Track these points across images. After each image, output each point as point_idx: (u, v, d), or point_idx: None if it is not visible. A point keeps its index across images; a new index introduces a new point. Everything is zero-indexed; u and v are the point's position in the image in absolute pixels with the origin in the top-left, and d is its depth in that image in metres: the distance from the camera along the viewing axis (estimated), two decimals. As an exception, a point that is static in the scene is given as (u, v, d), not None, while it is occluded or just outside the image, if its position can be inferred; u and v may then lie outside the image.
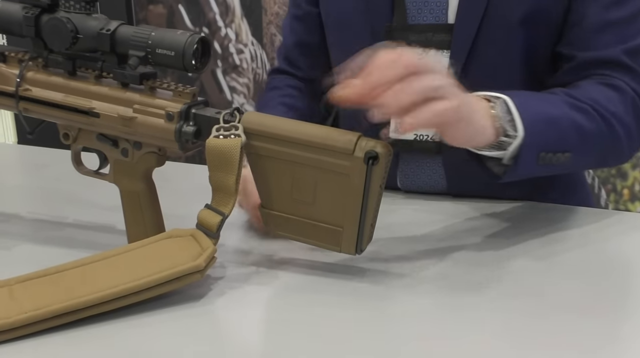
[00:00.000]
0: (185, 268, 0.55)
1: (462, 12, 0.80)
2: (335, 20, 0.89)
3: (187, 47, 0.59)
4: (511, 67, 0.81)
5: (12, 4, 0.63)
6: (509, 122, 0.66)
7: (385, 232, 0.68)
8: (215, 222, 0.58)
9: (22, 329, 0.51)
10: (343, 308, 0.55)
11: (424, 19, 0.82)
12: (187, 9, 2.09)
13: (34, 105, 0.64)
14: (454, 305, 0.56)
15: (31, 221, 0.73)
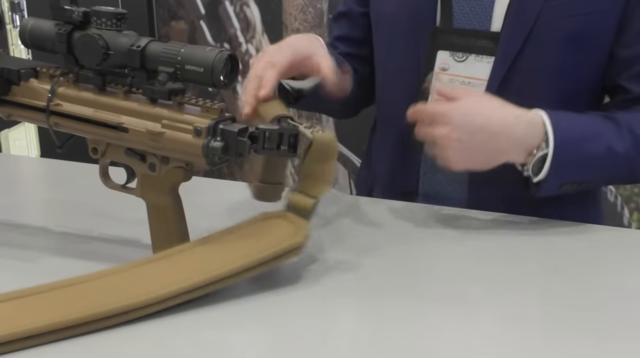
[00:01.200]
0: (287, 245, 0.60)
1: (510, 22, 0.82)
2: (386, 22, 0.92)
3: (216, 64, 0.60)
4: (551, 82, 0.83)
5: (45, 22, 0.65)
6: (539, 162, 0.75)
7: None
8: (309, 204, 0.63)
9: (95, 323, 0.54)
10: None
11: (468, 23, 0.84)
12: (209, 25, 2.12)
13: (64, 120, 0.65)
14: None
15: (58, 234, 0.74)
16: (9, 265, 0.66)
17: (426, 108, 0.77)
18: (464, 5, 0.83)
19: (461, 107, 0.74)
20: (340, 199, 0.90)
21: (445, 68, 0.86)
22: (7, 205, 0.84)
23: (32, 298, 0.55)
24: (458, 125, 0.73)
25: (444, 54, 0.86)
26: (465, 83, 0.85)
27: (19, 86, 0.66)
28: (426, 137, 0.76)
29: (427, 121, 0.75)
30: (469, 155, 0.74)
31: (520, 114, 0.76)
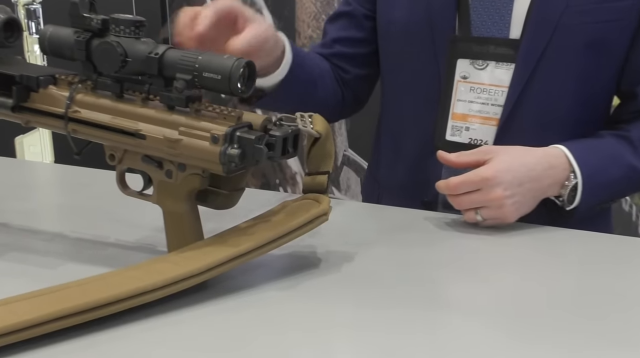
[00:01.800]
0: (314, 212, 0.65)
1: (530, 28, 0.83)
2: (398, 28, 0.92)
3: (234, 71, 0.60)
4: (571, 87, 0.84)
5: (64, 29, 0.65)
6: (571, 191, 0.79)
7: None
8: (323, 180, 0.68)
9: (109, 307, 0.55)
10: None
11: (487, 31, 0.85)
12: (222, 32, 2.12)
13: (82, 127, 0.65)
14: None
15: (74, 240, 0.74)
16: (25, 271, 0.66)
17: (468, 178, 0.78)
18: (482, 13, 0.84)
19: (502, 165, 0.77)
20: (359, 208, 0.90)
21: (465, 76, 0.86)
22: (24, 211, 0.85)
23: (27, 302, 0.55)
24: (508, 182, 0.77)
25: (464, 62, 0.86)
26: (487, 91, 0.86)
27: (38, 93, 0.66)
28: (474, 203, 0.78)
29: (471, 189, 0.77)
30: (522, 205, 0.79)
31: (545, 153, 0.81)
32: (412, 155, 0.94)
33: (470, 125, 0.88)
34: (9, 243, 0.72)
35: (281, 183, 2.22)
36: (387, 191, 1.00)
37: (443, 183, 0.79)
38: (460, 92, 0.88)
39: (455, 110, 0.88)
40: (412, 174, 0.94)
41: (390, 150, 0.99)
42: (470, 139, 0.88)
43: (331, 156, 0.70)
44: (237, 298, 0.62)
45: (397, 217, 0.85)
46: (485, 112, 0.87)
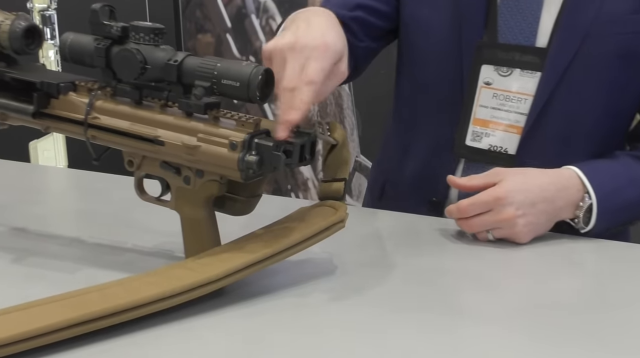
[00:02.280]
0: (331, 219, 0.65)
1: (558, 37, 0.82)
2: (422, 25, 0.91)
3: (252, 78, 0.61)
4: (598, 97, 0.83)
5: (84, 36, 0.66)
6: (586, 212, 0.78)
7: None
8: (340, 187, 0.68)
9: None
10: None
11: (513, 38, 0.84)
12: (235, 38, 2.14)
13: (102, 133, 0.66)
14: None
15: (91, 245, 0.75)
16: (43, 275, 0.67)
17: (479, 199, 0.76)
18: (509, 20, 0.84)
19: (514, 185, 0.76)
20: (371, 214, 0.90)
21: (489, 82, 0.86)
22: (41, 216, 0.85)
23: (48, 306, 0.55)
24: (520, 202, 0.76)
25: (488, 68, 0.86)
26: (510, 98, 0.85)
27: (58, 99, 0.67)
28: (486, 225, 0.77)
29: (482, 210, 0.76)
30: (536, 225, 0.78)
31: (558, 174, 0.79)
32: (423, 154, 0.94)
33: (491, 132, 0.88)
34: (27, 248, 0.73)
35: (293, 189, 2.22)
36: (393, 186, 0.99)
37: (454, 207, 0.78)
38: (482, 98, 0.87)
39: (476, 115, 0.88)
40: (421, 172, 0.94)
41: (401, 146, 0.98)
42: (490, 146, 0.88)
43: (348, 163, 0.71)
44: (254, 305, 0.62)
45: (413, 224, 0.85)
46: (507, 119, 0.87)
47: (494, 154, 0.87)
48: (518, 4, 0.84)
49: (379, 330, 0.58)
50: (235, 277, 0.60)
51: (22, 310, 0.53)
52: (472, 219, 0.77)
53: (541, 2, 0.83)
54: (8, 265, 0.69)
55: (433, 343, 0.56)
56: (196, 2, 2.16)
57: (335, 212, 0.68)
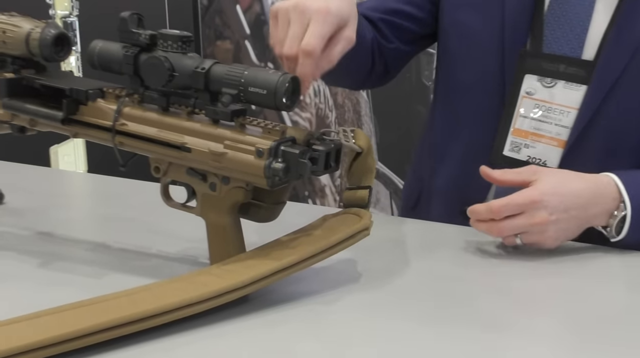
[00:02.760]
0: (356, 227, 0.65)
1: (608, 51, 0.80)
2: (463, 31, 0.90)
3: (279, 86, 0.61)
4: None
5: (113, 44, 0.66)
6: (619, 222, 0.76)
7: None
8: (364, 195, 0.69)
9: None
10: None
11: (559, 48, 0.83)
12: (253, 44, 2.15)
13: (129, 139, 0.67)
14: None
15: (117, 250, 0.75)
16: (69, 280, 0.67)
17: (513, 200, 0.74)
18: (555, 30, 0.82)
19: (549, 188, 0.74)
20: (398, 223, 0.90)
21: (531, 93, 0.84)
22: (66, 220, 0.86)
23: (78, 311, 0.56)
24: (553, 207, 0.73)
25: (531, 78, 0.85)
26: (552, 110, 0.84)
27: (87, 106, 0.67)
28: (516, 228, 0.74)
29: (514, 212, 0.74)
30: (565, 230, 0.75)
31: (595, 180, 0.77)
32: (459, 162, 0.92)
33: (531, 143, 0.86)
34: (54, 252, 0.74)
35: (310, 196, 2.22)
36: (428, 193, 0.98)
37: (483, 207, 0.75)
38: (524, 108, 0.86)
39: (516, 126, 0.86)
40: (456, 180, 0.92)
41: (437, 153, 0.97)
42: (529, 157, 0.86)
43: (372, 171, 0.71)
44: (279, 312, 0.62)
45: (440, 233, 0.84)
46: (548, 131, 0.85)
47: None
48: (566, 14, 0.82)
49: (404, 340, 0.58)
50: (260, 284, 0.60)
51: (52, 315, 0.54)
52: (502, 222, 0.74)
53: (590, 13, 0.82)
54: (35, 269, 0.69)
55: (459, 354, 0.56)
56: (215, 9, 2.17)
57: (359, 219, 0.68)
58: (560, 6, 0.83)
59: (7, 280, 0.67)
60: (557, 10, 0.83)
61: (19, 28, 0.67)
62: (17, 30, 0.67)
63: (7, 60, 0.69)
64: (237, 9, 2.14)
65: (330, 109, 2.11)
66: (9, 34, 0.67)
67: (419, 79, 2.08)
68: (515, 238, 0.76)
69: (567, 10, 0.82)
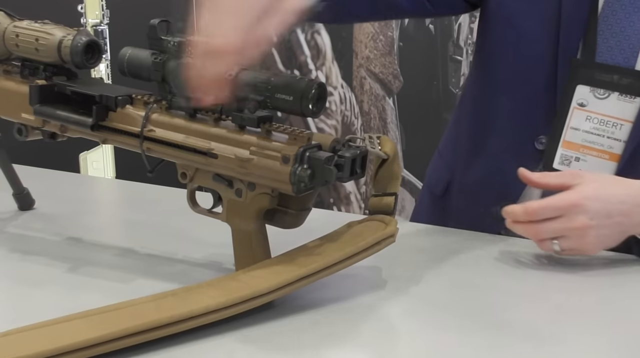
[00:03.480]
0: (381, 234, 0.65)
1: None
2: (512, 22, 0.86)
3: (306, 92, 0.61)
4: None
5: (142, 51, 0.67)
6: None
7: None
8: (390, 201, 0.69)
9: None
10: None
11: (612, 58, 0.80)
12: (279, 51, 2.16)
13: (157, 145, 0.67)
14: None
15: (144, 256, 0.76)
16: (97, 285, 0.68)
17: (551, 202, 0.72)
18: (609, 39, 0.80)
19: (591, 192, 0.72)
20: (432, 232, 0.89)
21: (583, 104, 0.82)
22: (94, 226, 0.87)
23: (106, 315, 0.56)
24: (594, 212, 0.71)
25: (583, 89, 0.82)
26: (605, 122, 0.82)
27: (116, 112, 0.68)
28: (554, 232, 0.72)
29: (552, 215, 0.72)
30: (607, 237, 0.73)
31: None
32: (498, 158, 0.89)
33: (582, 156, 0.84)
34: (83, 257, 0.75)
35: (335, 203, 2.22)
36: (459, 185, 0.95)
37: (520, 208, 0.73)
38: (574, 120, 0.83)
39: (566, 138, 0.84)
40: (494, 177, 0.89)
41: (474, 146, 0.93)
42: (579, 170, 0.83)
43: (398, 177, 0.70)
44: (304, 318, 0.62)
45: (466, 241, 0.83)
46: (599, 144, 0.83)
47: None
48: (620, 23, 0.80)
49: (431, 348, 0.57)
50: (286, 290, 0.60)
51: (80, 319, 0.54)
52: (538, 224, 0.72)
53: None
54: (64, 273, 0.70)
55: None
56: (242, 17, 2.19)
57: (385, 226, 0.67)
58: (614, 15, 0.81)
59: (38, 284, 0.68)
60: (611, 19, 0.80)
61: (52, 36, 0.68)
62: (49, 37, 0.68)
63: (40, 67, 0.71)
64: (263, 16, 2.16)
65: (356, 116, 2.12)
66: (42, 42, 0.68)
67: (446, 87, 2.06)
68: (552, 244, 0.73)
69: (621, 19, 0.80)
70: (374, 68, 2.03)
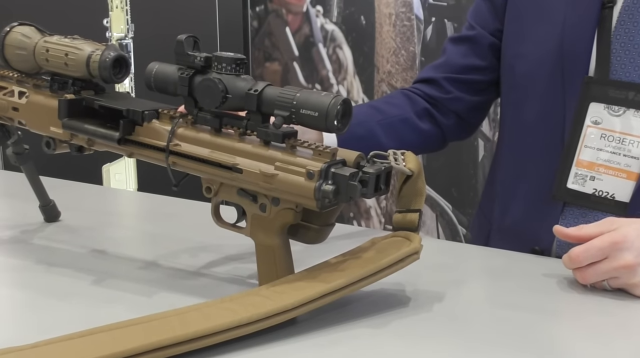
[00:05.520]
0: (405, 251, 0.65)
1: None
2: (525, 64, 0.88)
3: (331, 108, 0.61)
4: None
5: (169, 66, 0.68)
6: None
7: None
8: (414, 218, 0.69)
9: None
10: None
11: (626, 75, 0.80)
12: (302, 66, 2.17)
13: (182, 160, 0.68)
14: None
15: (167, 269, 0.76)
16: (121, 298, 0.68)
17: (592, 245, 0.69)
18: (622, 56, 0.80)
19: (632, 231, 0.69)
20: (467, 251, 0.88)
21: (597, 122, 0.82)
22: (119, 238, 0.88)
23: (130, 329, 0.56)
24: (639, 248, 0.69)
25: (597, 106, 0.82)
26: (620, 139, 0.81)
27: (142, 126, 0.69)
28: (602, 275, 0.70)
29: (596, 258, 0.70)
30: None
31: None
32: (525, 199, 0.90)
33: (597, 175, 0.83)
34: (107, 270, 0.75)
35: (355, 217, 2.21)
36: (498, 232, 0.96)
37: (565, 258, 0.72)
38: (589, 138, 0.82)
39: (581, 156, 0.83)
40: (524, 218, 0.90)
41: (505, 191, 0.94)
42: (595, 190, 0.83)
43: (422, 194, 0.70)
44: (327, 335, 0.61)
45: (491, 258, 0.83)
46: (615, 162, 0.82)
47: (598, 200, 0.82)
48: (633, 39, 0.80)
49: (456, 367, 0.57)
50: (310, 306, 0.60)
51: (105, 332, 0.55)
52: (585, 269, 0.70)
53: None
54: (89, 286, 0.71)
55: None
56: (265, 31, 2.21)
57: (409, 243, 0.67)
58: (627, 32, 0.81)
59: (63, 296, 0.68)
60: (624, 36, 0.81)
61: (81, 51, 0.69)
62: (79, 53, 0.69)
63: (68, 81, 0.72)
64: (286, 31, 2.17)
65: (377, 131, 2.11)
66: (71, 57, 0.69)
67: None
68: (603, 284, 0.71)
69: (634, 35, 0.80)
70: (396, 83, 2.03)
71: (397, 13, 2.00)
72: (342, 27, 2.09)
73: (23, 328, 0.62)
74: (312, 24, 2.13)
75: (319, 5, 2.11)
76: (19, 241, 0.84)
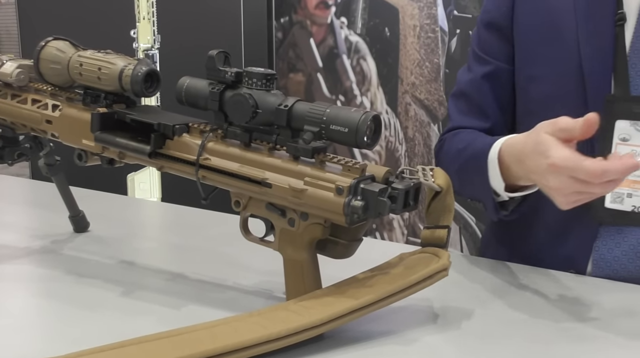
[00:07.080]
0: (434, 267, 0.64)
1: None
2: (540, 85, 0.88)
3: (361, 125, 0.61)
4: None
5: (199, 81, 0.69)
6: None
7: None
8: (443, 234, 0.68)
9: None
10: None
11: None
12: (325, 77, 2.18)
13: (212, 173, 0.68)
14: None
15: (195, 281, 0.77)
16: (149, 309, 0.69)
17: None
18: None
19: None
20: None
21: (626, 139, 0.81)
22: (147, 249, 0.89)
23: (160, 342, 0.57)
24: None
25: (623, 123, 0.82)
26: None
27: (173, 140, 0.70)
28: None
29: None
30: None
31: None
32: (556, 222, 0.87)
33: (634, 192, 0.82)
34: (135, 281, 0.76)
35: (377, 229, 2.21)
36: (520, 256, 0.92)
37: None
38: None
39: None
40: (555, 242, 0.88)
41: (531, 214, 0.90)
42: (634, 207, 0.82)
43: (451, 210, 0.69)
44: (355, 351, 0.61)
45: (520, 275, 0.82)
46: None
47: (637, 216, 0.81)
48: None
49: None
50: (337, 322, 0.60)
51: (135, 345, 0.55)
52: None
53: None
54: (118, 297, 0.71)
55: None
56: (290, 42, 2.22)
57: (438, 259, 0.67)
58: None
59: (92, 307, 0.69)
60: None
61: (114, 65, 0.70)
62: (111, 67, 0.70)
63: (101, 95, 0.73)
64: (310, 42, 2.18)
65: (400, 142, 2.11)
66: (104, 71, 0.71)
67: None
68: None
69: None
70: (420, 94, 2.02)
71: (421, 25, 2.00)
72: (366, 38, 2.09)
73: (52, 339, 0.63)
74: (336, 36, 2.14)
75: (343, 17, 2.12)
76: (49, 251, 0.85)
